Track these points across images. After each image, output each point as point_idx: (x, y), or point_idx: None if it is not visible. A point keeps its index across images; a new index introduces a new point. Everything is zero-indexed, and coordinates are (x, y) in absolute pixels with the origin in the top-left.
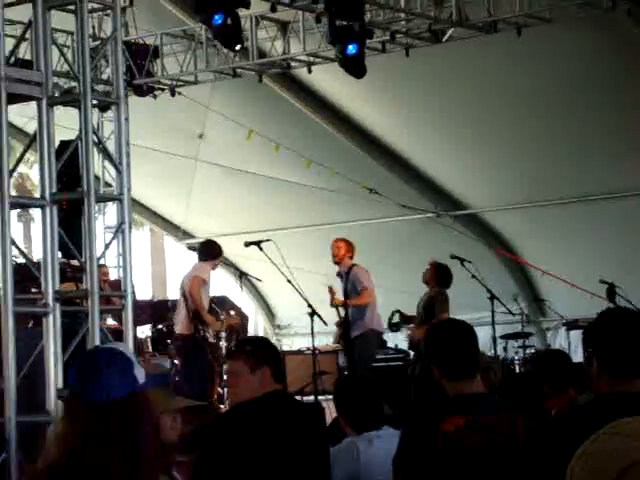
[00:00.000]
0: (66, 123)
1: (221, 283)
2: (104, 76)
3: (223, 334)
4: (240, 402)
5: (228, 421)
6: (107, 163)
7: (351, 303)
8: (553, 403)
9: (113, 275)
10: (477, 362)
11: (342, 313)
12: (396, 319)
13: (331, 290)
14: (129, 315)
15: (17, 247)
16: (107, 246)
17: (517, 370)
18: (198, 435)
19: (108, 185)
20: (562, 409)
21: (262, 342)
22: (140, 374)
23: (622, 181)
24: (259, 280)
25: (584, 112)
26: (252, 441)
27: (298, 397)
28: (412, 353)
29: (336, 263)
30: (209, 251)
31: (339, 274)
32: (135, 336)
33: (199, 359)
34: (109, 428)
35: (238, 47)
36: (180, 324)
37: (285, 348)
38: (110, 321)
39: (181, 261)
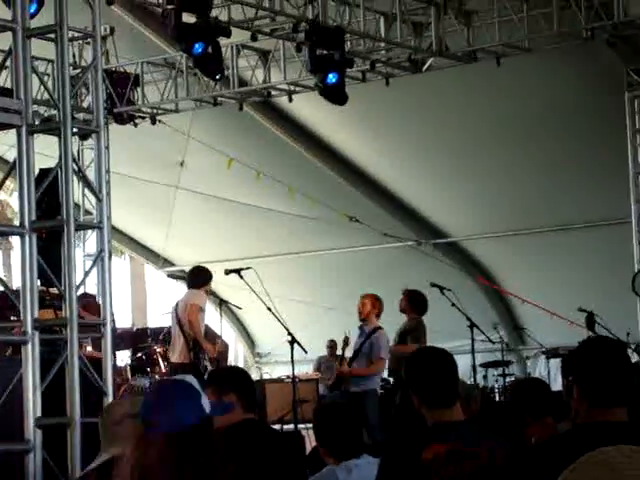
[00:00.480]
0: (46, 151)
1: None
2: (84, 104)
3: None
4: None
5: None
6: (87, 191)
7: (356, 372)
8: (533, 431)
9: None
10: (457, 390)
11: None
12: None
13: (346, 341)
14: (108, 343)
15: None
16: (87, 274)
17: (497, 398)
18: None
19: (88, 213)
20: (542, 437)
21: (231, 371)
22: (206, 404)
23: (600, 211)
24: (239, 308)
25: (565, 141)
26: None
27: (278, 426)
28: (391, 380)
29: (362, 320)
30: (200, 277)
31: (361, 328)
32: (114, 364)
33: None
34: (182, 455)
35: (219, 77)
36: (178, 353)
37: (265, 376)
38: (89, 349)
39: (161, 289)
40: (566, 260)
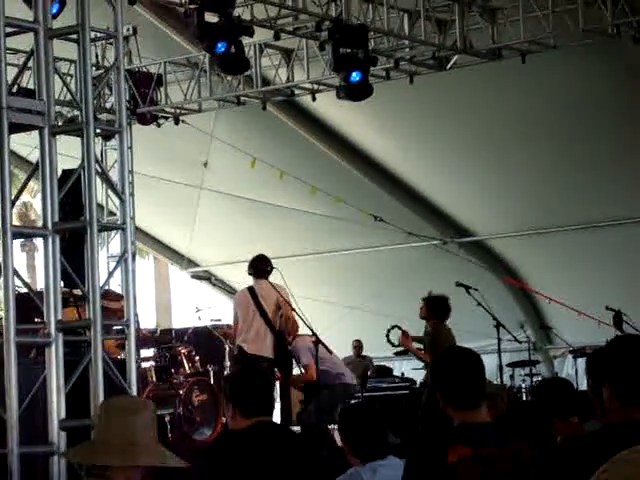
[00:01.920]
0: (69, 152)
1: (226, 311)
2: (107, 105)
3: None
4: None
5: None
6: (110, 192)
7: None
8: (560, 430)
9: None
10: (483, 391)
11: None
12: (393, 336)
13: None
14: (132, 344)
15: (19, 277)
16: (110, 275)
17: (524, 398)
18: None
19: (112, 214)
20: (568, 436)
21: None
22: None
23: (628, 207)
24: None
25: (589, 139)
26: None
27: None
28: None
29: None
30: (270, 266)
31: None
32: (139, 366)
33: None
34: None
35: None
36: (269, 346)
37: None
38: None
39: (185, 290)
40: (593, 258)
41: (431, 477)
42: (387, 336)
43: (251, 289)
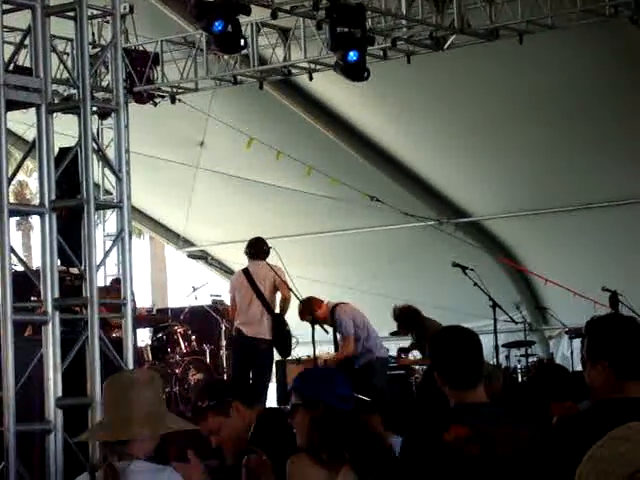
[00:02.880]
0: (66, 130)
1: (221, 290)
2: (104, 83)
3: None
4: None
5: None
6: (107, 171)
7: None
8: (556, 411)
9: None
10: (481, 372)
11: None
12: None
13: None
14: (129, 324)
15: (16, 255)
16: (107, 254)
17: (520, 378)
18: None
19: (108, 193)
20: (564, 416)
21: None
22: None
23: (624, 189)
24: None
25: (586, 120)
26: None
27: None
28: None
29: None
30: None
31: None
32: (135, 345)
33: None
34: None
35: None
36: (266, 328)
37: None
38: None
39: (181, 269)
40: (589, 239)
41: (427, 456)
42: None
43: (246, 271)
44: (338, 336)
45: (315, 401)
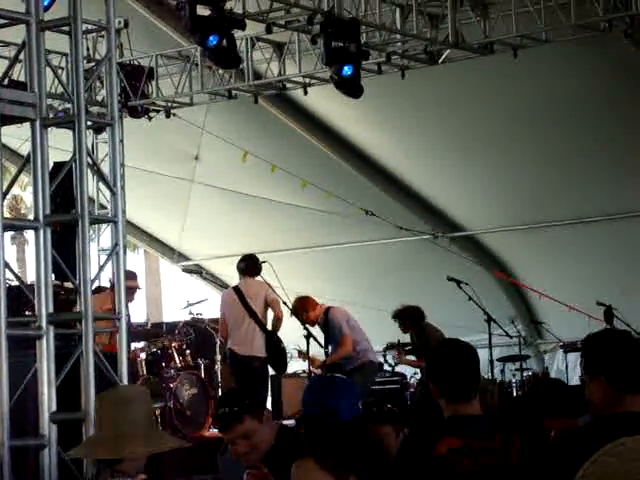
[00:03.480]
0: (60, 145)
1: (214, 305)
2: (99, 97)
3: None
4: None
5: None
6: (102, 185)
7: None
8: (551, 425)
9: None
10: (477, 384)
11: None
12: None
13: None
14: (124, 337)
15: (10, 270)
16: (101, 268)
17: (514, 393)
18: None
19: (103, 207)
20: (562, 430)
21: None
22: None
23: (619, 203)
24: None
25: (581, 134)
26: None
27: (293, 421)
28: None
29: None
30: (260, 266)
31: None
32: (129, 359)
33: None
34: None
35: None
36: (257, 346)
37: None
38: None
39: (176, 283)
40: (584, 253)
41: (420, 468)
42: None
43: (237, 288)
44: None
45: (307, 417)
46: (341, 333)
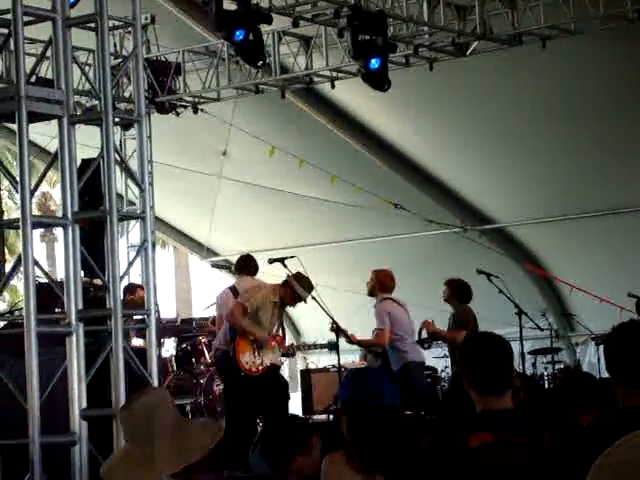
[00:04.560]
0: (89, 141)
1: None
2: (126, 94)
3: None
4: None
5: None
6: (130, 181)
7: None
8: (585, 419)
9: None
10: (510, 379)
11: None
12: (424, 335)
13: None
14: (153, 334)
15: (40, 267)
16: (130, 264)
17: (546, 386)
18: None
19: (131, 203)
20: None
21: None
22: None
23: None
24: None
25: (613, 125)
26: None
27: (324, 416)
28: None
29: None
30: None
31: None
32: (159, 355)
33: None
34: None
35: (260, 63)
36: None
37: (311, 366)
38: (135, 341)
39: (205, 279)
40: (615, 245)
41: (452, 461)
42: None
43: (233, 288)
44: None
45: (348, 402)
46: (379, 325)
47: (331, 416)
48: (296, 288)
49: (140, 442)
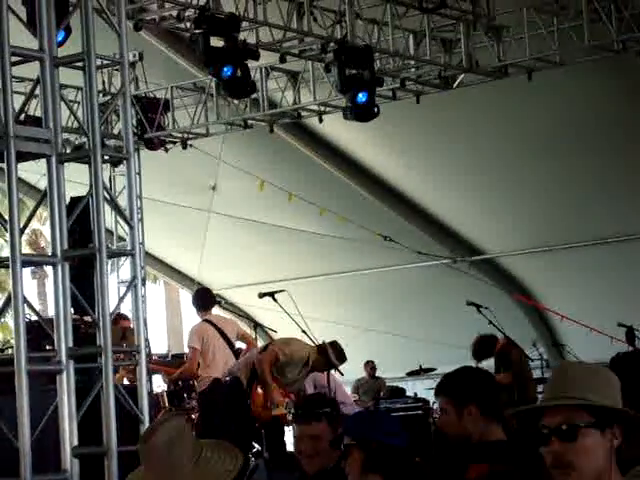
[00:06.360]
0: (78, 178)
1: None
2: (115, 130)
3: None
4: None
5: None
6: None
7: None
8: None
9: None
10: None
11: None
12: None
13: None
14: (143, 370)
15: (30, 306)
16: (121, 300)
17: None
18: None
19: (121, 239)
20: None
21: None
22: None
23: (636, 223)
24: (274, 331)
25: (596, 155)
26: None
27: None
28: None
29: None
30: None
31: None
32: (151, 391)
33: None
34: None
35: (248, 93)
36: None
37: None
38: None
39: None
40: (604, 274)
41: None
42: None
43: (209, 321)
44: None
45: (367, 440)
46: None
47: None
48: (330, 355)
49: (161, 476)
